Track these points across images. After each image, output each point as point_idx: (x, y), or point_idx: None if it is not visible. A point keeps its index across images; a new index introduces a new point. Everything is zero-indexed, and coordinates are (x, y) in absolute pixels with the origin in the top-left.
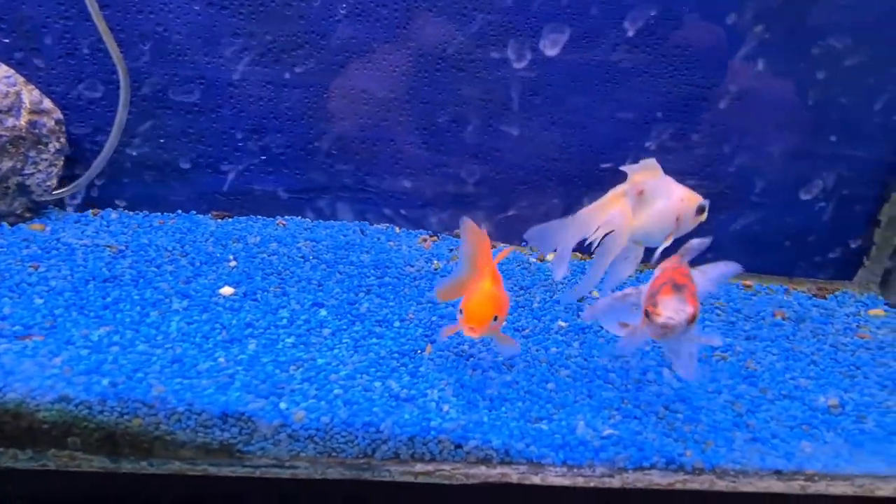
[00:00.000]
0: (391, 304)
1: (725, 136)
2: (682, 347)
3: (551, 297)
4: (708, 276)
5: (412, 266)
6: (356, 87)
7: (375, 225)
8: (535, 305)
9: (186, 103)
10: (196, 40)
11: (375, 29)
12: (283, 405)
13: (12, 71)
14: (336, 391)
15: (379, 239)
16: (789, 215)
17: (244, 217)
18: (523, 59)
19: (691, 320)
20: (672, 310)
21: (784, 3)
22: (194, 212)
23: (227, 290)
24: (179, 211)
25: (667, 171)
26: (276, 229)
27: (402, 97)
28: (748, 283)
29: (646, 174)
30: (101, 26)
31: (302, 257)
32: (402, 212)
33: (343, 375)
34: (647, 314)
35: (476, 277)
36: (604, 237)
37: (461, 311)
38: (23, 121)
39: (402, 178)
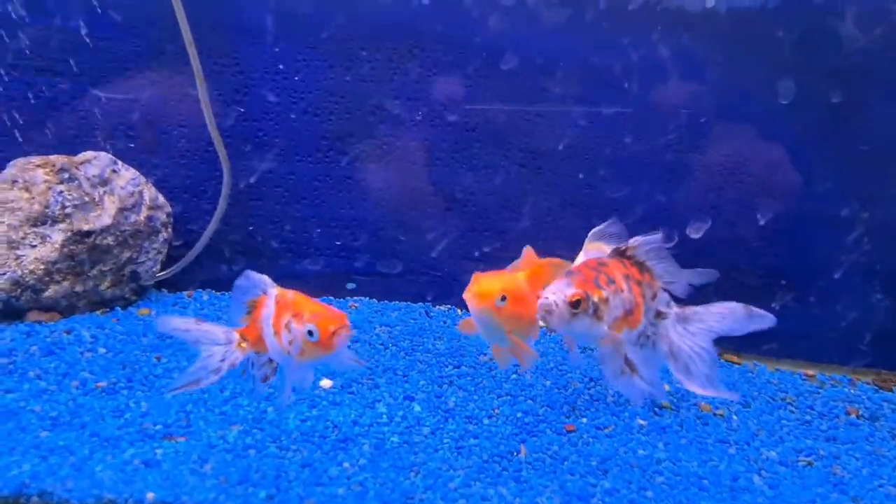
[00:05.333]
0: (475, 397)
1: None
2: (611, 361)
3: None
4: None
5: (485, 355)
6: (418, 178)
7: (438, 307)
8: (610, 399)
9: (275, 195)
10: (288, 142)
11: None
12: None
13: (137, 173)
14: (461, 502)
15: (445, 322)
16: (849, 305)
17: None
18: None
19: (573, 304)
20: (550, 290)
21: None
22: None
23: (326, 383)
24: None
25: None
26: (351, 312)
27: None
28: (810, 372)
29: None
30: (214, 133)
31: (382, 344)
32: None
33: (459, 483)
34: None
35: None
36: None
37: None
38: (142, 216)
39: (461, 262)
